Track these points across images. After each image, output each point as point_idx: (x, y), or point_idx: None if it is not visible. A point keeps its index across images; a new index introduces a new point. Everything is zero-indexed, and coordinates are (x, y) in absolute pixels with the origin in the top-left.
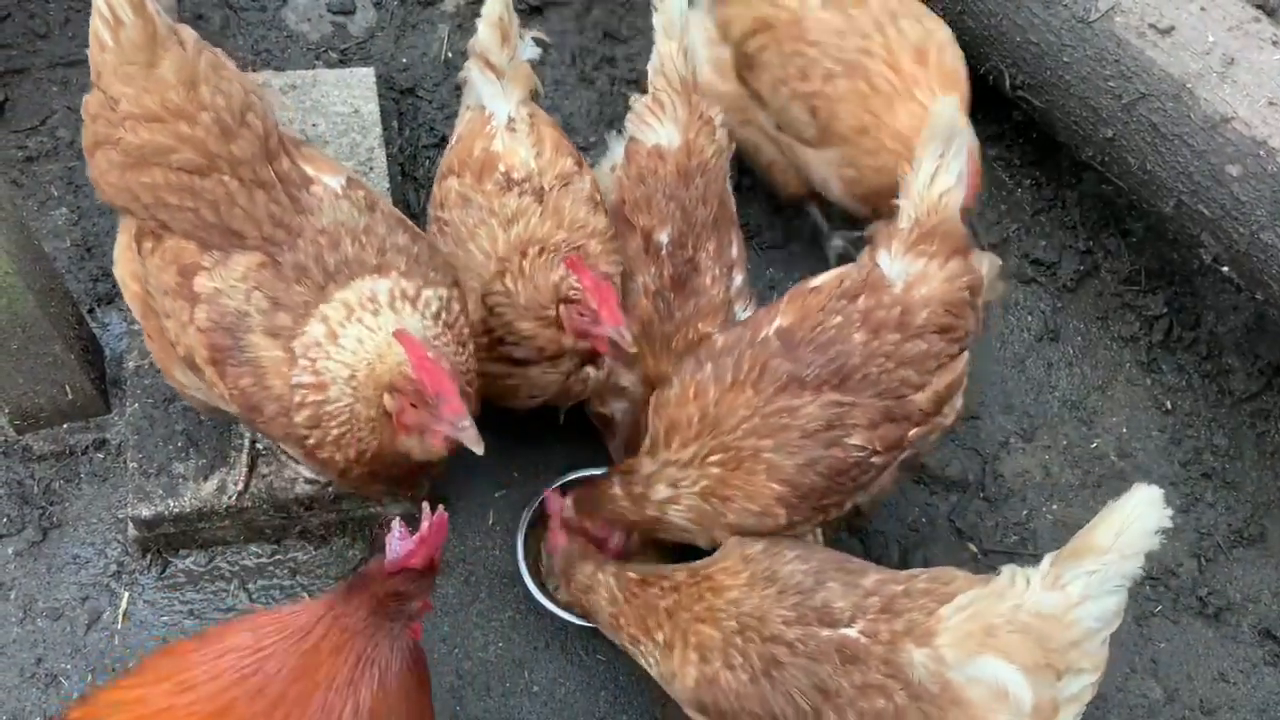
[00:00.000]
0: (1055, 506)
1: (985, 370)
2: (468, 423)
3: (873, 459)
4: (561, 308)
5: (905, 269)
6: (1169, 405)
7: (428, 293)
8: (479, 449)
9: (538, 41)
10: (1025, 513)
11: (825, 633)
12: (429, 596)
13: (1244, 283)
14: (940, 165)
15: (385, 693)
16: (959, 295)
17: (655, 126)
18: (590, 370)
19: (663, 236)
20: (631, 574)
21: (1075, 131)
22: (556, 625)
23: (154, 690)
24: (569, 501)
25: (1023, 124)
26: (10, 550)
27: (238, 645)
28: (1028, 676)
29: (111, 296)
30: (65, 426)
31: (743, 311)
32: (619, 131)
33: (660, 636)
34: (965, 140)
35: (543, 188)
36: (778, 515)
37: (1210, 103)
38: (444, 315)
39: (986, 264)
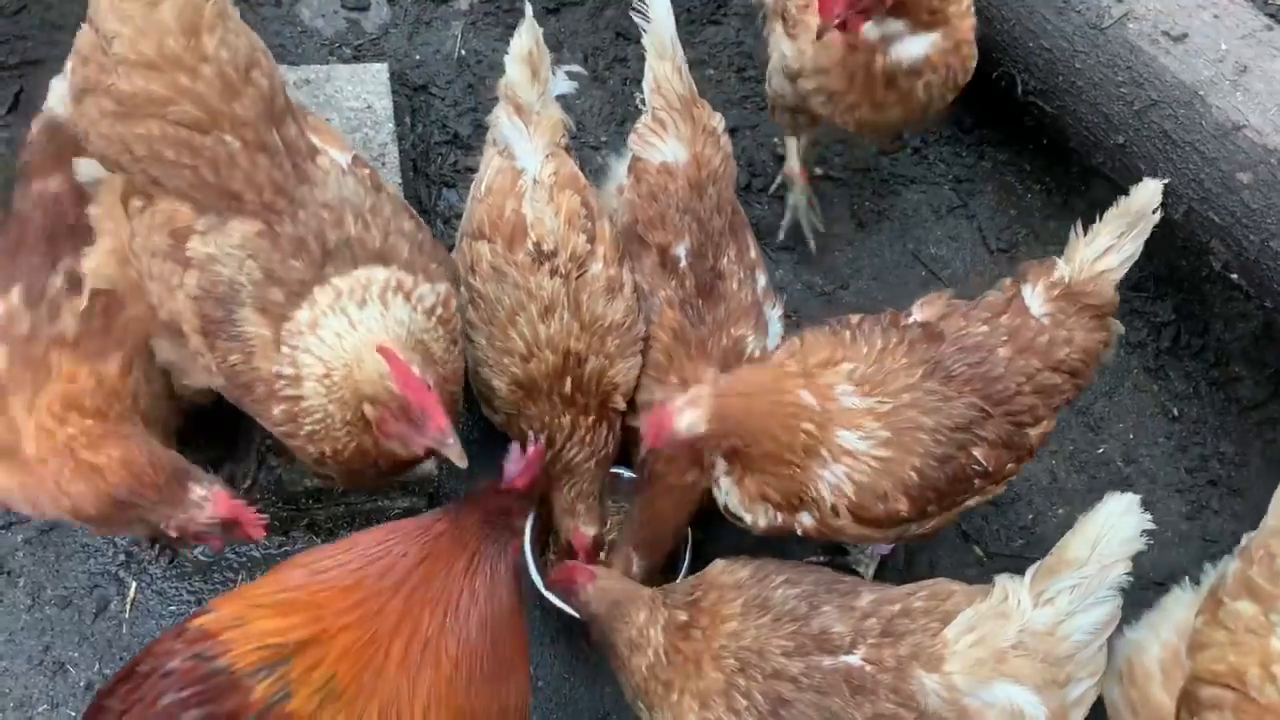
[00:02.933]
0: (1061, 511)
1: None
2: (452, 439)
3: (976, 480)
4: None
5: (1044, 310)
6: (1176, 412)
7: (424, 288)
8: (463, 464)
9: (571, 75)
10: (1031, 517)
11: (828, 662)
12: (528, 516)
13: (1253, 290)
14: (1115, 245)
15: (495, 587)
16: (1096, 346)
17: (659, 145)
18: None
19: (680, 250)
20: (681, 616)
21: (1086, 137)
22: (562, 621)
23: (290, 575)
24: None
25: (1034, 130)
26: (19, 538)
27: (365, 540)
28: (1040, 695)
29: None
30: None
31: (771, 309)
32: (618, 153)
33: (676, 689)
34: (1149, 229)
35: (561, 270)
36: (898, 501)
37: (1222, 110)
38: (439, 311)
39: (1112, 329)
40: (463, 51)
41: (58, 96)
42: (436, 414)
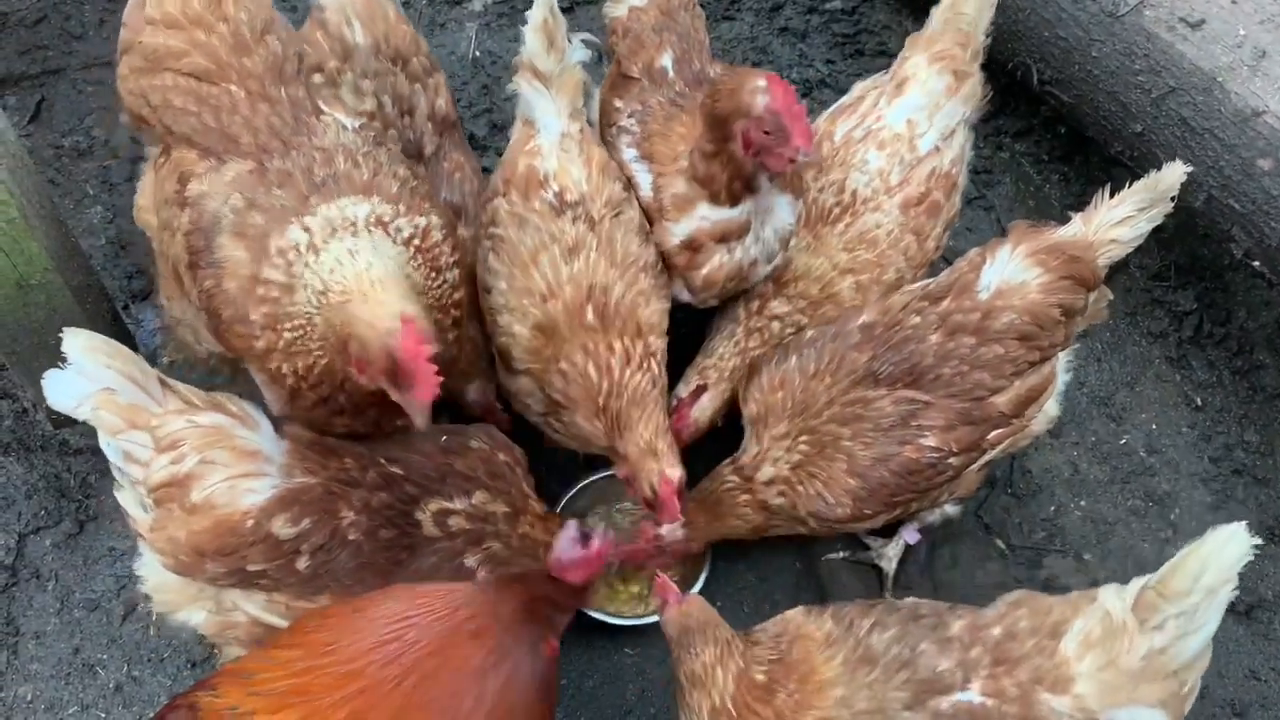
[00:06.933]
0: (1083, 502)
1: None
2: (424, 414)
3: (949, 460)
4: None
5: (1010, 275)
6: (1199, 401)
7: (402, 220)
8: (423, 426)
9: (587, 43)
10: (1053, 508)
11: (946, 704)
12: (571, 617)
13: (1275, 278)
14: (1133, 218)
15: (511, 690)
16: (1048, 311)
17: None
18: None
19: (665, 61)
20: (758, 675)
21: (1104, 126)
22: (583, 619)
23: (303, 651)
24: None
25: (1051, 119)
26: (48, 542)
27: (385, 612)
28: (1167, 710)
29: (145, 293)
30: None
31: None
32: (598, 82)
33: None
34: (1162, 215)
35: (592, 216)
36: (845, 506)
37: (1241, 96)
38: (416, 240)
39: (1095, 294)
40: (477, 53)
41: None
42: (425, 385)
